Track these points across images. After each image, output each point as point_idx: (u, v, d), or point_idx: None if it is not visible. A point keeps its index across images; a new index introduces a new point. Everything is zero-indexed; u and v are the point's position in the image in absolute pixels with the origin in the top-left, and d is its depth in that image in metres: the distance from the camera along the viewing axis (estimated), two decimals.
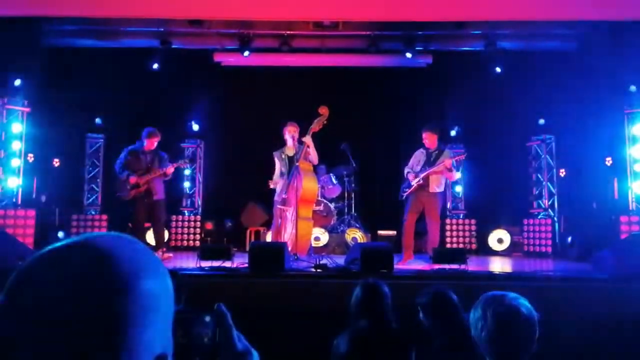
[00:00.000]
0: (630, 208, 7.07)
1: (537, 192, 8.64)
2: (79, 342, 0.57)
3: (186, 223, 8.74)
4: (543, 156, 8.61)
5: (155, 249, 6.05)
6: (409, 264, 5.94)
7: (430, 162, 6.13)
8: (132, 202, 6.30)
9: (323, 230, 7.59)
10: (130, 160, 6.27)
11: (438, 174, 6.05)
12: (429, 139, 6.16)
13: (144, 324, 0.61)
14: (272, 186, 6.36)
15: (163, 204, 6.51)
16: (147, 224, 6.64)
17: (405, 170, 6.27)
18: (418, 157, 6.26)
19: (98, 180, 8.97)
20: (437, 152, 6.17)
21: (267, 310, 4.00)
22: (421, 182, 6.04)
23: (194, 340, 0.72)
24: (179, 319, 0.69)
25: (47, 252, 0.62)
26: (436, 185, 6.09)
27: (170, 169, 6.29)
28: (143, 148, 6.32)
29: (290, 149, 6.24)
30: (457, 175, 6.20)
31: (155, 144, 6.37)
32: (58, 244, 0.63)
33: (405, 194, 6.19)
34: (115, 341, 0.58)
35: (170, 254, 6.65)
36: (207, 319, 0.73)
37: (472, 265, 5.12)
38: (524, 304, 1.78)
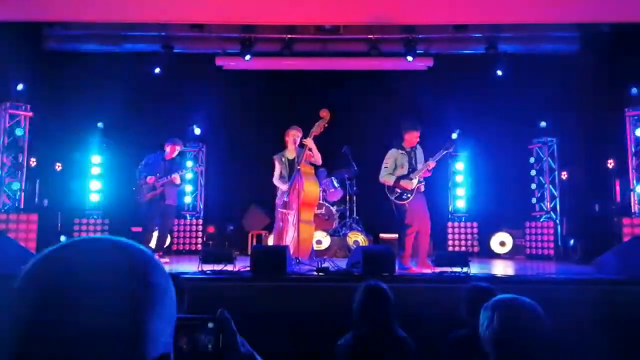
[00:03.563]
0: (633, 210, 7.06)
1: (539, 194, 8.63)
2: (99, 326, 0.57)
3: (188, 227, 8.75)
4: (545, 158, 8.61)
5: (153, 252, 6.10)
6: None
7: (412, 162, 5.82)
8: (146, 204, 6.56)
9: (325, 233, 7.59)
10: (150, 165, 6.65)
11: (422, 174, 5.81)
12: (415, 138, 5.82)
13: (156, 314, 0.62)
14: (275, 182, 6.34)
15: (173, 210, 6.83)
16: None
17: (391, 178, 5.77)
18: (400, 159, 5.82)
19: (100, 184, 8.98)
20: (414, 150, 5.89)
21: (270, 313, 4.00)
22: (423, 182, 5.83)
23: (198, 347, 0.73)
24: (182, 326, 0.69)
25: (57, 249, 0.63)
26: (422, 185, 5.88)
27: (175, 178, 6.54)
28: (164, 155, 6.70)
29: (290, 152, 6.25)
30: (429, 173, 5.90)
31: (176, 152, 6.78)
32: (66, 242, 0.64)
33: (409, 200, 5.74)
34: (134, 326, 0.59)
35: (167, 259, 6.71)
36: (211, 325, 0.73)
37: (474, 268, 5.11)
38: (534, 309, 1.77)
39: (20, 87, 7.33)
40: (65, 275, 0.59)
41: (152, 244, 6.68)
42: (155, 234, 6.74)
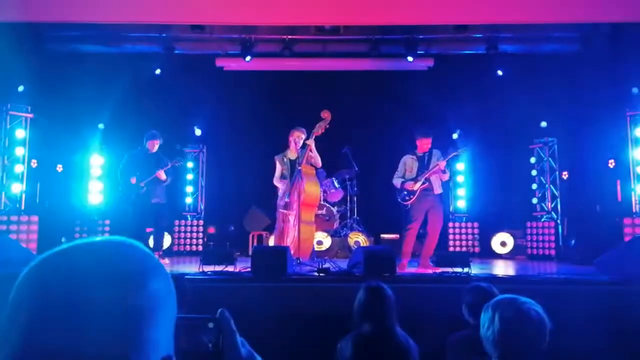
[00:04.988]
0: (634, 210, 7.05)
1: (540, 194, 8.63)
2: (91, 338, 0.57)
3: (189, 227, 8.76)
4: (545, 159, 8.60)
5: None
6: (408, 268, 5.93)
7: (424, 166, 6.05)
8: (134, 205, 6.39)
9: (326, 234, 7.59)
10: (132, 163, 6.42)
11: (434, 175, 6.00)
12: (426, 144, 6.08)
13: (153, 322, 0.61)
14: (275, 182, 6.34)
15: (163, 208, 6.59)
16: (148, 229, 6.67)
17: (399, 180, 6.10)
18: (409, 163, 6.13)
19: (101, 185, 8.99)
20: (428, 154, 6.10)
21: (270, 314, 4.00)
22: (427, 184, 5.97)
23: (198, 347, 0.73)
24: (182, 325, 0.69)
25: (55, 254, 0.62)
26: (439, 187, 6.05)
27: (160, 174, 6.36)
28: (145, 151, 6.47)
29: (292, 152, 6.25)
30: (447, 175, 6.15)
31: (157, 146, 6.52)
32: (65, 246, 0.63)
33: (410, 201, 6.01)
34: (127, 337, 0.59)
35: (167, 260, 6.66)
36: (211, 325, 0.73)
37: (475, 268, 5.11)
38: (534, 309, 1.77)
39: (21, 88, 7.34)
40: (58, 287, 0.58)
41: (150, 243, 6.64)
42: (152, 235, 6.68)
